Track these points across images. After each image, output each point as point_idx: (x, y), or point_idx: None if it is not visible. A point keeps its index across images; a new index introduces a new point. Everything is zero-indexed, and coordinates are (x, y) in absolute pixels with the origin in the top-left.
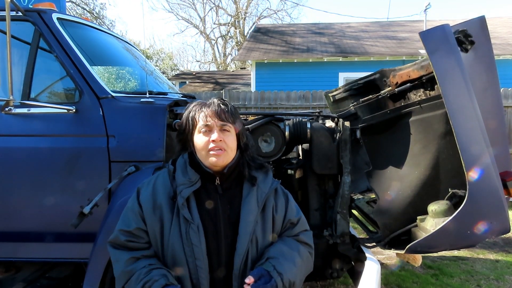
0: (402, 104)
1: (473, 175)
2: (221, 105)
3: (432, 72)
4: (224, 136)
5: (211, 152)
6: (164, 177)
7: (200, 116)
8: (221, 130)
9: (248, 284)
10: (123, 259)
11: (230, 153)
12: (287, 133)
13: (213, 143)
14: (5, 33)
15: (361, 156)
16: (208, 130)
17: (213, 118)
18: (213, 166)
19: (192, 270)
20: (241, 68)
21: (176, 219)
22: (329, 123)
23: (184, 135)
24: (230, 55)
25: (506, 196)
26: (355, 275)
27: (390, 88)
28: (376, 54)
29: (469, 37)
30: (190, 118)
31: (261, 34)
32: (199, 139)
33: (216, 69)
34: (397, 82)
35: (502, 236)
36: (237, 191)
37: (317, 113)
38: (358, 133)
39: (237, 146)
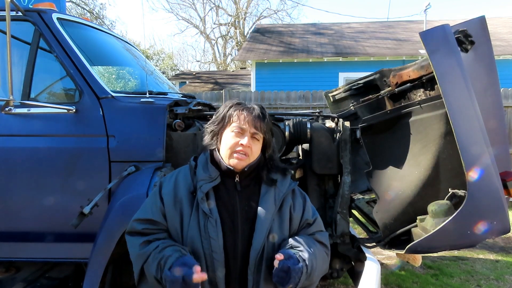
0: (402, 104)
1: (473, 175)
2: (260, 114)
3: (432, 72)
4: (252, 143)
5: (235, 155)
6: (185, 173)
7: (239, 117)
8: (251, 137)
9: (278, 260)
10: (137, 243)
11: (251, 159)
12: (287, 133)
13: (241, 147)
14: (5, 33)
15: (361, 156)
16: (241, 133)
17: (249, 124)
18: (233, 167)
19: (209, 263)
20: (241, 68)
21: (195, 213)
22: (329, 123)
23: (215, 127)
24: (230, 55)
25: (506, 196)
26: (355, 275)
27: (390, 88)
28: (376, 54)
29: (469, 37)
30: (227, 115)
31: (261, 34)
32: (228, 137)
33: (216, 69)
34: (397, 82)
35: (502, 236)
36: (255, 189)
37: (317, 113)
38: (358, 133)
39: (261, 151)
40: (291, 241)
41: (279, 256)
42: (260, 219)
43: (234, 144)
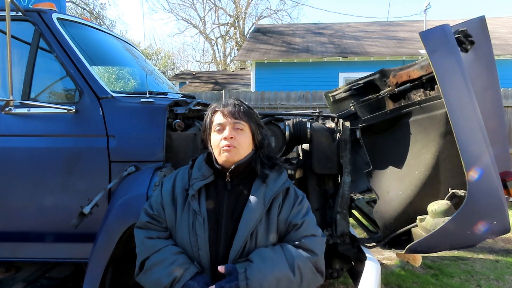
0: (402, 104)
1: (473, 175)
2: (235, 104)
3: (432, 72)
4: (236, 134)
5: (223, 149)
6: (183, 172)
7: (215, 116)
8: (234, 129)
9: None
10: (141, 237)
11: (241, 151)
12: (287, 133)
13: (225, 140)
14: (5, 33)
15: (361, 156)
16: (222, 128)
17: (226, 117)
18: (225, 163)
19: (196, 259)
20: (241, 68)
21: (186, 210)
22: (329, 123)
23: (204, 135)
24: (230, 55)
25: (506, 196)
26: (355, 275)
27: (390, 88)
28: (376, 54)
29: (469, 37)
30: (208, 119)
31: (261, 34)
32: (213, 138)
33: (216, 69)
34: (397, 82)
35: (502, 236)
36: (246, 189)
37: (317, 113)
38: (358, 133)
39: (253, 144)
40: (254, 253)
41: (220, 269)
42: (244, 219)
43: (219, 142)
